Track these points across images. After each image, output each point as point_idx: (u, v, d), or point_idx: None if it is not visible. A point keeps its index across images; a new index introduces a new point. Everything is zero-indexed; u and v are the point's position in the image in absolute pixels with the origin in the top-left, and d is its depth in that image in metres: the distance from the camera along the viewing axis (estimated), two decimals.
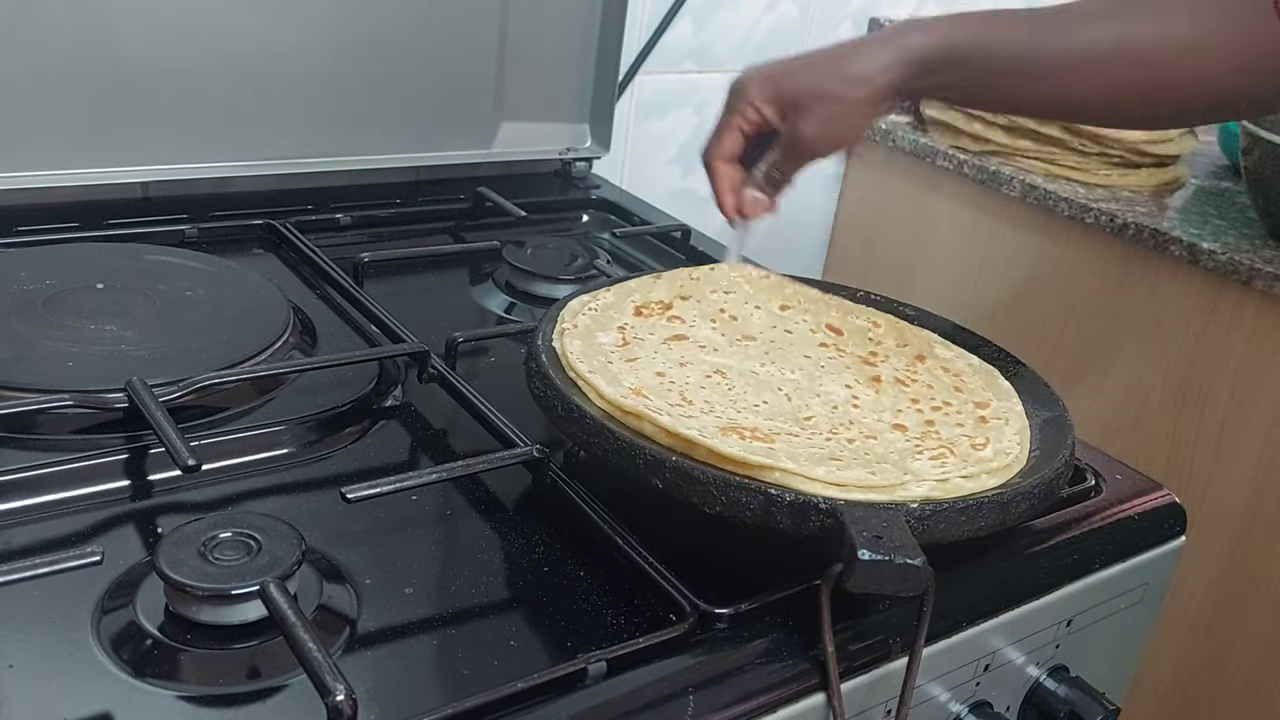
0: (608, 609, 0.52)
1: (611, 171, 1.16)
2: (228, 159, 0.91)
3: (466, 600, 0.52)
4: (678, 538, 0.55)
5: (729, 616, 0.51)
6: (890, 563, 0.47)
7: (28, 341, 0.65)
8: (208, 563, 0.47)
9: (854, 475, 0.52)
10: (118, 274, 0.74)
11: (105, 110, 0.85)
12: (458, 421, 0.66)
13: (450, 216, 0.98)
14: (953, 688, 0.57)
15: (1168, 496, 0.68)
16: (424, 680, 0.48)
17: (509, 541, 0.56)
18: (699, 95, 1.22)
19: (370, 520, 0.56)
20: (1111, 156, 1.22)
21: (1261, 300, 1.03)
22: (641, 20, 1.14)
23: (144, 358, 0.64)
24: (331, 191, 0.96)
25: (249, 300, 0.73)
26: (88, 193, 0.87)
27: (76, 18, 0.82)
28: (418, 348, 0.68)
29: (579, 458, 0.63)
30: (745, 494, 0.51)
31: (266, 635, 0.47)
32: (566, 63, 1.05)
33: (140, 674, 0.45)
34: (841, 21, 1.30)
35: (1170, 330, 1.10)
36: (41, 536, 0.52)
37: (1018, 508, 0.54)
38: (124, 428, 0.59)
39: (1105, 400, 1.17)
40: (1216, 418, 1.08)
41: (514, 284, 0.86)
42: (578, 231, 1.01)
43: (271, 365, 0.66)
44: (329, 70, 0.93)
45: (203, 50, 0.87)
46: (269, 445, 0.61)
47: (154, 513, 0.55)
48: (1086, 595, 0.62)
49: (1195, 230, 1.09)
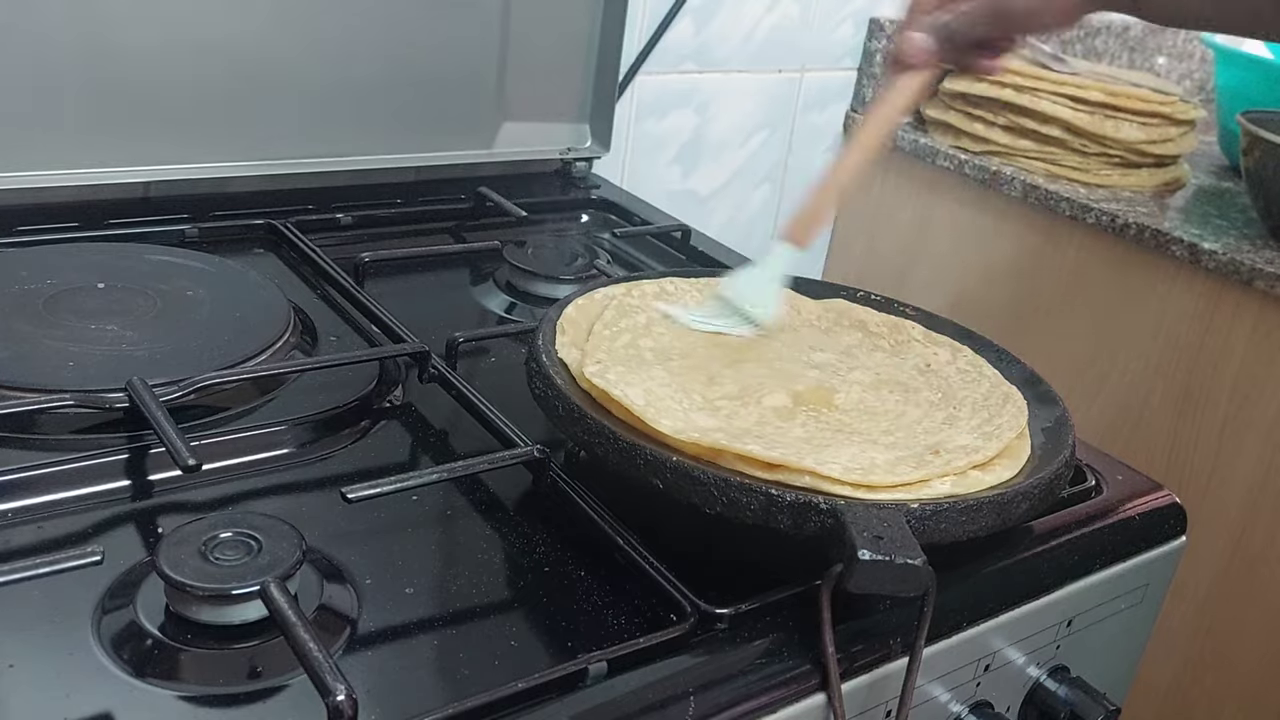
0: (608, 609, 0.52)
1: (612, 171, 1.16)
2: (228, 159, 0.91)
3: (467, 600, 0.52)
4: (678, 538, 0.55)
5: (729, 616, 0.51)
6: (890, 563, 0.47)
7: (28, 341, 0.65)
8: (208, 563, 0.47)
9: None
10: (118, 274, 0.74)
11: (105, 110, 0.85)
12: (458, 421, 0.66)
13: (451, 216, 0.98)
14: (953, 688, 0.57)
15: (1168, 497, 0.68)
16: (424, 680, 0.48)
17: (509, 541, 0.56)
18: (699, 95, 1.22)
19: (370, 520, 0.56)
20: (1112, 157, 1.22)
21: (1262, 301, 1.03)
22: (641, 20, 1.14)
23: (144, 357, 0.64)
24: (332, 191, 0.96)
25: (249, 300, 0.73)
26: (88, 193, 0.87)
27: (77, 18, 0.82)
28: (418, 348, 0.68)
29: (579, 458, 0.63)
30: (745, 494, 0.51)
31: (267, 635, 0.47)
32: (567, 63, 1.05)
33: (140, 674, 0.45)
34: (842, 21, 1.30)
35: (1171, 331, 1.10)
36: (41, 536, 0.52)
37: (1018, 508, 0.54)
38: (124, 428, 0.59)
39: (1106, 400, 1.17)
40: (1217, 418, 1.08)
41: (514, 284, 0.86)
42: (578, 231, 1.01)
43: (272, 365, 0.66)
44: (330, 70, 0.93)
45: (203, 50, 0.87)
46: (269, 445, 0.61)
47: (154, 513, 0.55)
48: (1087, 595, 0.62)
49: (1196, 231, 1.09)
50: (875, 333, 0.70)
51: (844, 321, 0.72)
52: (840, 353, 0.67)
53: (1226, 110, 1.36)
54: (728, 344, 0.66)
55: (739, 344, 0.66)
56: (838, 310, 0.73)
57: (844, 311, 0.73)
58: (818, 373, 0.64)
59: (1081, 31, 1.51)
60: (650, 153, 1.21)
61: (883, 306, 0.74)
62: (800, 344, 0.67)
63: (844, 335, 0.70)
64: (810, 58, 1.30)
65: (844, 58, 1.33)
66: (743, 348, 0.66)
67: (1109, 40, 1.55)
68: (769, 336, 0.67)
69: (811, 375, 0.63)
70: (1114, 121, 1.21)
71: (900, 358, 0.68)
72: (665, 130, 1.21)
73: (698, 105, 1.22)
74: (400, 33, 0.95)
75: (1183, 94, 1.25)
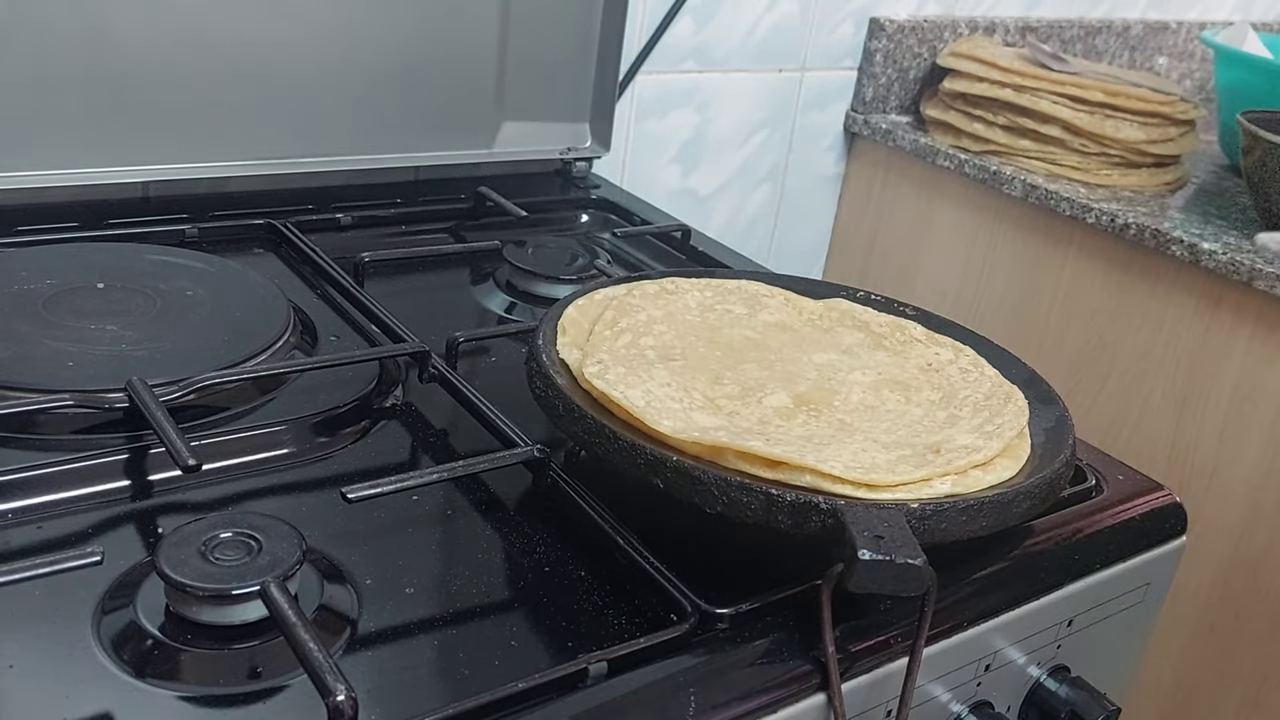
0: (608, 609, 0.52)
1: (612, 171, 1.16)
2: (228, 159, 0.91)
3: (467, 600, 0.52)
4: (678, 538, 0.55)
5: (729, 616, 0.51)
6: (891, 563, 0.47)
7: (28, 341, 0.65)
8: (208, 563, 0.47)
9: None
10: (118, 274, 0.73)
11: (105, 110, 0.85)
12: (458, 421, 0.66)
13: (451, 216, 0.98)
14: (953, 688, 0.57)
15: (1169, 497, 0.68)
16: (424, 680, 0.47)
17: (509, 541, 0.56)
18: (699, 95, 1.22)
19: (371, 520, 0.56)
20: (1112, 156, 1.22)
21: (1262, 301, 1.03)
22: (642, 20, 1.14)
23: (144, 357, 0.64)
24: (332, 191, 0.96)
25: (249, 300, 0.73)
26: (88, 193, 0.87)
27: (77, 18, 0.82)
28: (418, 348, 0.68)
29: (579, 458, 0.62)
30: (746, 494, 0.51)
31: (267, 635, 0.47)
32: (567, 62, 1.05)
33: (140, 674, 0.45)
34: (842, 22, 1.30)
35: (1171, 330, 1.10)
36: (41, 536, 0.52)
37: (1019, 507, 0.54)
38: (124, 428, 0.59)
39: (1106, 400, 1.17)
40: (1218, 418, 1.08)
41: (514, 284, 0.86)
42: (578, 231, 1.01)
43: (272, 365, 0.66)
44: (330, 70, 0.93)
45: (203, 50, 0.87)
46: (269, 445, 0.61)
47: (154, 513, 0.55)
48: (1087, 595, 0.62)
49: (1196, 230, 1.09)
50: (877, 333, 0.70)
51: (846, 322, 0.72)
52: (841, 352, 0.67)
53: (1226, 110, 1.36)
54: (729, 343, 0.66)
55: (740, 343, 0.66)
56: (839, 310, 0.73)
57: (846, 311, 0.73)
58: (818, 372, 0.64)
59: (1081, 31, 1.52)
60: (650, 152, 1.21)
61: (883, 307, 0.74)
62: (801, 344, 0.67)
63: (845, 335, 0.70)
64: (810, 57, 1.30)
65: (844, 57, 1.33)
66: (744, 347, 0.66)
67: (1109, 40, 1.55)
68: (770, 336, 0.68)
69: (812, 375, 0.63)
70: (1114, 121, 1.21)
71: (902, 357, 0.68)
72: (665, 130, 1.21)
73: (698, 105, 1.23)
74: (400, 32, 0.95)
75: (1183, 94, 1.25)
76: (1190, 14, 1.67)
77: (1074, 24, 1.51)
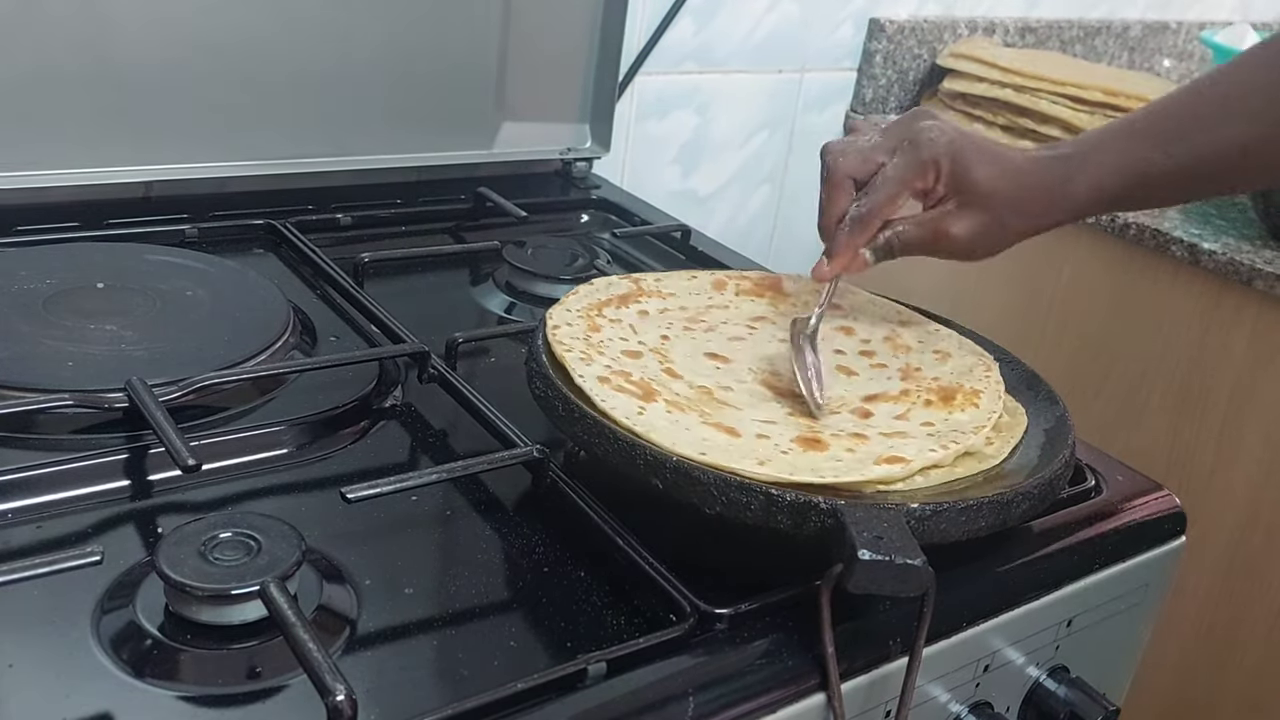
0: (608, 609, 0.52)
1: (612, 171, 1.16)
2: (228, 159, 0.91)
3: (466, 600, 0.52)
4: (678, 538, 0.55)
5: (729, 617, 0.51)
6: (890, 563, 0.47)
7: (28, 341, 0.65)
8: (208, 563, 0.47)
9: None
10: (118, 274, 0.73)
11: (105, 110, 0.85)
12: (458, 422, 0.66)
13: (450, 216, 0.98)
14: (953, 688, 0.57)
15: (1168, 497, 0.68)
16: (424, 680, 0.47)
17: (509, 542, 0.56)
18: (699, 95, 1.22)
19: (370, 520, 0.56)
20: None
21: (1262, 301, 1.03)
22: (641, 20, 1.14)
23: (144, 357, 0.64)
24: (331, 191, 0.96)
25: (249, 300, 0.73)
26: (88, 193, 0.87)
27: (78, 17, 0.82)
28: (418, 348, 0.68)
29: (579, 458, 0.62)
30: (745, 494, 0.51)
31: (266, 635, 0.47)
32: (567, 63, 1.05)
33: (140, 674, 0.45)
34: (842, 22, 1.30)
35: (1171, 331, 1.10)
36: (41, 536, 0.52)
37: (1018, 508, 0.54)
38: (124, 428, 0.59)
39: (1106, 400, 1.16)
40: (1217, 418, 1.08)
41: (514, 284, 0.86)
42: (578, 231, 1.01)
43: (271, 365, 0.66)
44: (330, 70, 0.93)
45: (203, 50, 0.87)
46: (269, 445, 0.61)
47: (154, 513, 0.55)
48: (1087, 596, 0.62)
49: (1196, 231, 1.09)
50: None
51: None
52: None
53: None
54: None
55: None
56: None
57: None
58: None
59: (1081, 31, 1.52)
60: (650, 153, 1.21)
61: None
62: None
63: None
64: (810, 58, 1.30)
65: (844, 58, 1.33)
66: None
67: (1109, 40, 1.55)
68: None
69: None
70: None
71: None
72: (665, 130, 1.21)
73: (698, 105, 1.22)
74: (400, 33, 0.95)
75: None
76: (1190, 14, 1.67)
77: (1074, 24, 1.51)
